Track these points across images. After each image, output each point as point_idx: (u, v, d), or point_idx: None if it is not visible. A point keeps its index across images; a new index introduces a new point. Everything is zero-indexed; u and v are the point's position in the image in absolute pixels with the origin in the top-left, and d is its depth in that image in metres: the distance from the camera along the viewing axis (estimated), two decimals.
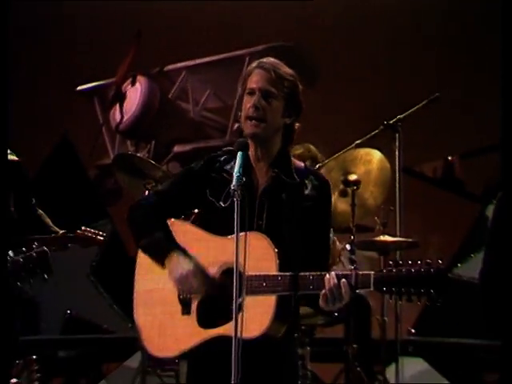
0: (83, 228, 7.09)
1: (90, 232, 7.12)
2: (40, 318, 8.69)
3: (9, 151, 7.14)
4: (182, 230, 4.90)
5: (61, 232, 7.07)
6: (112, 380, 8.04)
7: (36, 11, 9.27)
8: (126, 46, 8.89)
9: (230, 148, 4.89)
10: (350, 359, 7.40)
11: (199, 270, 4.71)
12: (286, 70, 4.81)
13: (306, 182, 4.85)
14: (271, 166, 4.80)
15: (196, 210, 5.29)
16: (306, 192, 4.83)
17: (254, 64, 4.80)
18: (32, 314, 8.52)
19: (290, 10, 9.05)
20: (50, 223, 7.21)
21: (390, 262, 4.40)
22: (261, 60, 4.85)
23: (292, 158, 4.92)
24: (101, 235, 7.15)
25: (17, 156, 7.12)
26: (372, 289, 4.48)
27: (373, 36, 9.16)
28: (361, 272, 4.48)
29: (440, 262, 4.43)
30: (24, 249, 5.22)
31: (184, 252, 4.77)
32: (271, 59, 4.84)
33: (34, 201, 7.23)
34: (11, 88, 7.22)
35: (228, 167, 4.84)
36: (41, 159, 8.78)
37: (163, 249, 4.81)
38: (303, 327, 7.14)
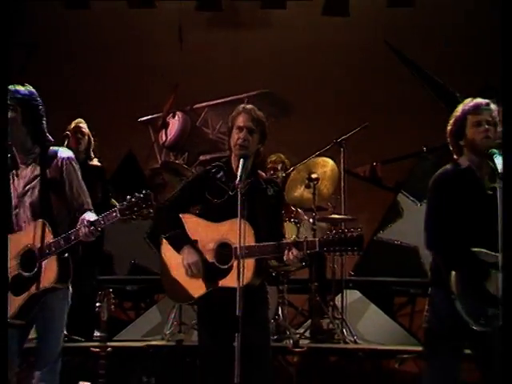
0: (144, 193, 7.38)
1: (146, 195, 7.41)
2: (115, 265, 8.91)
3: (97, 160, 7.46)
4: (190, 221, 4.98)
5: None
6: (161, 305, 8.15)
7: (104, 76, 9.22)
8: (169, 92, 8.96)
9: (218, 163, 5.02)
10: (312, 292, 7.52)
11: (199, 260, 4.85)
12: (260, 113, 4.91)
13: (269, 187, 4.99)
14: (247, 177, 4.86)
15: None
16: (269, 193, 4.99)
17: (240, 108, 4.90)
18: (110, 262, 8.74)
19: (274, 65, 9.07)
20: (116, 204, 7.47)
21: (328, 232, 4.70)
22: (244, 106, 4.95)
23: (259, 171, 5.06)
24: (151, 195, 7.37)
25: (100, 163, 7.48)
26: (318, 249, 4.67)
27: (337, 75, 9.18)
28: (310, 239, 4.70)
29: (359, 229, 4.66)
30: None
31: (192, 245, 4.89)
32: (250, 105, 4.96)
33: (111, 190, 7.44)
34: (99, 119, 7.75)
35: (218, 176, 4.97)
36: (116, 165, 8.91)
37: (180, 243, 4.92)
38: (282, 272, 7.23)
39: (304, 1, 8.94)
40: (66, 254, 4.83)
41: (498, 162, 4.48)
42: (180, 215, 4.99)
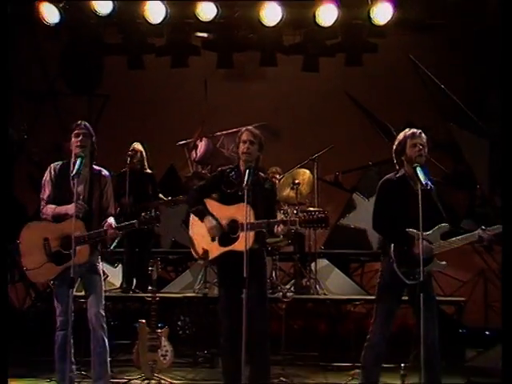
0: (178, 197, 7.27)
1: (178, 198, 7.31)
2: (160, 242, 8.82)
3: (149, 169, 7.46)
4: (211, 203, 4.94)
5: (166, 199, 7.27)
6: (192, 269, 8.13)
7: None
8: (198, 125, 8.95)
9: (231, 166, 5.00)
10: (295, 260, 7.55)
11: (217, 225, 4.84)
12: (257, 131, 4.93)
13: (265, 182, 4.99)
14: (251, 176, 4.73)
15: None
16: (265, 187, 4.96)
17: (243, 129, 4.96)
18: (158, 240, 8.67)
19: (268, 105, 9.06)
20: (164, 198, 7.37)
21: (304, 213, 4.76)
22: (246, 127, 4.99)
23: (259, 172, 4.99)
24: (184, 199, 7.20)
25: (151, 170, 7.52)
26: (298, 226, 4.74)
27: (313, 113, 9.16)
28: (292, 219, 4.75)
29: (326, 212, 4.79)
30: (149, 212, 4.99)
31: (211, 215, 4.87)
32: (250, 127, 5.01)
33: (158, 190, 7.45)
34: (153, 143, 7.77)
35: (231, 174, 4.92)
36: (162, 173, 8.84)
37: (202, 214, 4.89)
38: (275, 247, 7.22)
39: (289, 60, 8.82)
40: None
41: (420, 173, 4.58)
42: (204, 200, 4.95)
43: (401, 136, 4.85)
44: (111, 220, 4.94)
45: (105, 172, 5.05)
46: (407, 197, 4.72)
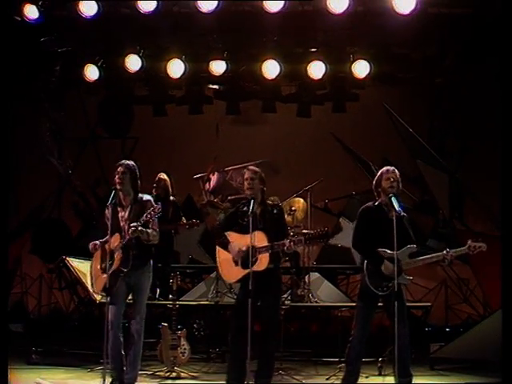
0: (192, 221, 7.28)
1: (193, 222, 7.29)
2: (179, 259, 8.87)
3: (172, 196, 7.50)
4: (232, 235, 4.98)
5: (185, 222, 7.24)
6: (206, 281, 8.11)
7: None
8: (211, 161, 8.89)
9: (243, 201, 5.03)
10: (292, 274, 7.57)
11: (240, 250, 4.87)
12: (257, 169, 4.99)
13: (274, 209, 5.02)
14: (260, 204, 4.95)
15: None
16: (274, 212, 5.00)
17: (245, 169, 5.05)
18: (177, 257, 8.72)
19: (269, 145, 9.11)
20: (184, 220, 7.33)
21: (309, 231, 4.90)
22: (248, 167, 5.05)
23: (267, 201, 5.08)
24: (197, 223, 7.32)
25: (174, 196, 7.58)
26: (303, 243, 4.89)
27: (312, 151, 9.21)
28: (298, 238, 4.82)
29: (326, 228, 4.94)
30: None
31: (231, 244, 4.92)
32: (252, 167, 5.05)
33: (181, 214, 7.43)
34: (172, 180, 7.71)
35: (245, 208, 4.92)
36: (182, 201, 8.65)
37: (226, 244, 4.95)
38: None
39: (286, 107, 8.88)
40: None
41: (395, 202, 4.72)
42: (226, 232, 5.01)
43: (379, 172, 5.07)
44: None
45: (146, 197, 5.13)
46: (382, 221, 4.85)
